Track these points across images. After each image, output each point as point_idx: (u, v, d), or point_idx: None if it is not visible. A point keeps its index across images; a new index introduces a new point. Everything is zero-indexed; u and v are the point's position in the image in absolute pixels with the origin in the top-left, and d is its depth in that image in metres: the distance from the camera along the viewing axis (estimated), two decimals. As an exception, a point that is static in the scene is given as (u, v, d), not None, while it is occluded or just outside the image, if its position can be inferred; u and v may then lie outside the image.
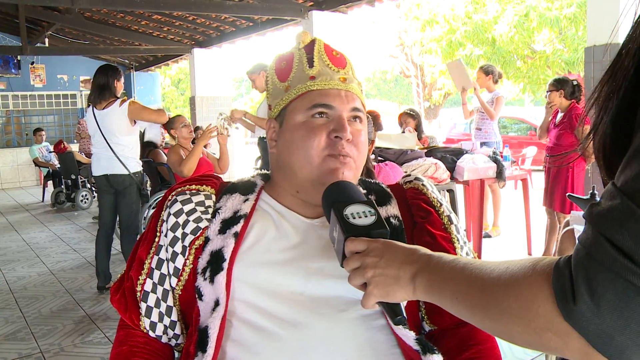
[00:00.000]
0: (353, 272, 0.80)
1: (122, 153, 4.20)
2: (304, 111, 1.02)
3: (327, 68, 1.05)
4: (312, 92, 1.03)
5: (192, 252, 1.02)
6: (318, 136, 1.00)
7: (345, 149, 1.00)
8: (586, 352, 0.52)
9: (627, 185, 0.50)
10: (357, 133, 1.03)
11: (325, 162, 1.00)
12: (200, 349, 0.94)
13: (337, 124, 1.00)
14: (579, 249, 0.53)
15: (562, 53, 12.67)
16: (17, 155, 12.31)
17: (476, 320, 0.65)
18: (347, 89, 1.04)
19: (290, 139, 1.03)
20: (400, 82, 30.15)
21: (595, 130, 0.60)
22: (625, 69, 0.55)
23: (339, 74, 1.05)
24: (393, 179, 2.54)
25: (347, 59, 1.10)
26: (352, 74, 1.08)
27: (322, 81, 1.03)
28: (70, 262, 5.37)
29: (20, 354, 3.25)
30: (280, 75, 1.08)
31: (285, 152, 1.05)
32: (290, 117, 1.04)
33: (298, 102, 1.03)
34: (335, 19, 7.33)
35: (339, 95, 1.03)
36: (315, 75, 1.04)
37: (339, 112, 1.02)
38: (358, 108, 1.05)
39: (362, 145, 1.04)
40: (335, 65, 1.06)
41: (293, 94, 1.04)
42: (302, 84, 1.03)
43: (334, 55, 1.07)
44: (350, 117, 1.03)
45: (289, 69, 1.07)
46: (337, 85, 1.03)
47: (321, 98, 1.02)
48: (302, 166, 1.02)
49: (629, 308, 0.48)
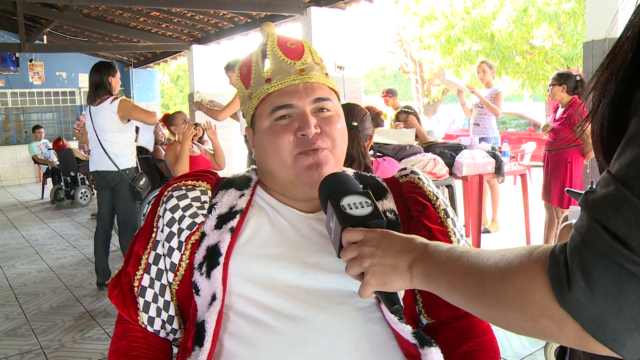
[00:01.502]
0: (350, 262, 0.80)
1: (112, 150, 4.23)
2: (267, 116, 1.02)
3: (282, 64, 1.03)
4: (270, 95, 1.02)
5: (189, 248, 1.03)
6: (285, 138, 0.99)
7: (317, 142, 1.00)
8: (581, 338, 0.53)
9: (621, 172, 0.50)
10: (325, 121, 1.01)
11: (298, 160, 1.00)
12: (197, 344, 0.94)
13: (300, 121, 0.99)
14: (574, 236, 0.54)
15: (561, 48, 12.65)
16: (16, 153, 12.30)
17: (473, 308, 0.66)
18: (306, 80, 1.02)
19: (262, 145, 1.04)
20: (399, 78, 30.12)
21: (594, 114, 0.60)
22: (625, 53, 0.56)
23: (295, 66, 1.03)
24: (391, 174, 2.53)
25: (305, 44, 1.07)
26: (313, 59, 1.06)
27: (277, 81, 1.02)
28: (69, 259, 5.37)
29: (21, 350, 3.26)
30: (244, 81, 1.08)
31: (261, 158, 1.06)
32: (258, 123, 1.05)
33: (261, 108, 1.03)
34: (334, 15, 7.32)
35: (297, 90, 1.01)
36: (270, 76, 1.03)
37: (301, 108, 1.00)
38: (322, 97, 1.02)
39: (335, 133, 1.02)
40: (291, 58, 1.03)
41: (255, 101, 1.04)
42: (260, 89, 1.03)
43: (289, 47, 1.04)
44: (315, 108, 1.02)
45: (249, 74, 1.06)
46: (293, 80, 1.01)
47: (280, 99, 1.01)
48: (279, 169, 1.02)
49: (622, 293, 0.49)
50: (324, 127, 1.01)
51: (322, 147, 1.00)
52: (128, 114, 4.18)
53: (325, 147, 1.00)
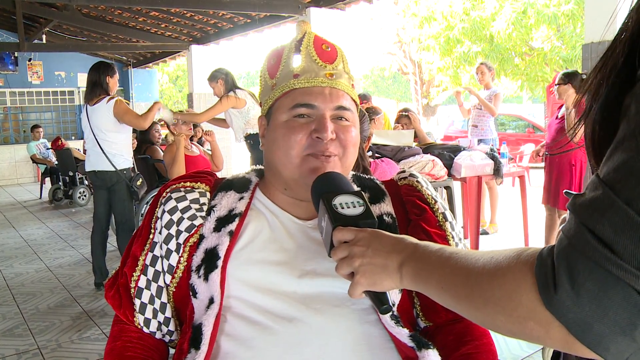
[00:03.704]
0: (341, 262, 0.80)
1: (109, 150, 4.23)
2: (287, 110, 1.01)
3: (313, 64, 1.03)
4: (295, 90, 1.02)
5: (187, 250, 1.02)
6: (299, 136, 0.99)
7: (330, 148, 0.99)
8: (566, 341, 0.53)
9: (608, 176, 0.51)
10: (342, 130, 1.01)
11: (306, 161, 0.99)
12: (193, 346, 0.94)
13: (318, 123, 0.99)
14: (562, 239, 0.54)
15: (560, 50, 12.65)
16: (15, 152, 12.28)
17: (462, 309, 0.65)
18: (333, 85, 1.02)
19: (274, 138, 1.03)
20: (398, 79, 30.12)
21: (586, 117, 0.60)
22: (616, 57, 0.56)
23: (325, 70, 1.03)
24: (389, 175, 2.53)
25: (339, 51, 1.07)
26: (343, 68, 1.06)
27: (305, 79, 1.01)
28: (67, 259, 5.37)
29: (18, 350, 3.26)
30: (270, 71, 1.07)
31: (269, 150, 1.05)
32: (275, 115, 1.04)
33: (282, 100, 1.03)
34: (333, 15, 7.32)
35: (322, 93, 1.01)
36: (299, 72, 1.02)
37: (322, 111, 1.00)
38: (344, 107, 1.02)
39: (349, 142, 1.02)
40: (323, 60, 1.03)
41: (278, 92, 1.04)
42: (286, 82, 1.03)
43: (324, 49, 1.04)
44: (335, 116, 1.01)
45: (277, 65, 1.06)
46: (321, 82, 1.01)
47: (303, 97, 1.00)
48: (284, 165, 1.02)
49: (607, 297, 0.49)
50: (340, 134, 1.01)
51: (333, 153, 1.00)
52: (120, 116, 4.19)
53: (337, 154, 1.00)
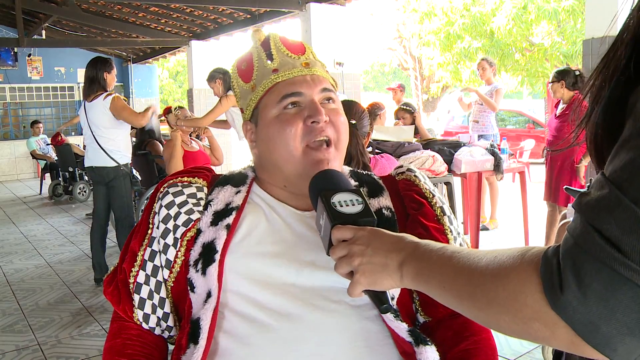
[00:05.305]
0: (339, 261, 0.79)
1: (107, 146, 4.23)
2: (275, 105, 1.02)
3: (287, 58, 1.05)
4: (277, 84, 1.02)
5: (184, 244, 1.02)
6: (294, 125, 1.00)
7: (326, 131, 1.00)
8: (573, 342, 0.52)
9: (615, 175, 0.50)
10: (332, 112, 1.03)
11: (308, 154, 1.00)
12: (192, 341, 0.94)
13: (310, 109, 1.00)
14: (567, 238, 0.53)
15: (560, 46, 12.63)
16: (15, 148, 12.28)
17: (464, 309, 0.65)
18: (312, 72, 1.04)
19: (268, 136, 1.03)
20: (398, 74, 30.07)
21: (588, 119, 0.60)
22: (618, 59, 0.55)
23: (300, 60, 1.05)
24: (389, 171, 2.52)
25: (305, 44, 1.09)
26: (314, 57, 1.08)
27: (285, 71, 1.03)
28: (67, 255, 5.37)
29: (18, 346, 3.26)
30: (243, 76, 1.08)
31: (265, 150, 1.05)
32: (263, 114, 1.04)
33: (267, 98, 1.03)
34: (333, 11, 7.30)
35: (305, 80, 1.02)
36: (277, 67, 1.03)
37: (310, 96, 1.01)
38: (328, 88, 1.04)
39: (341, 125, 1.04)
40: (295, 53, 1.06)
41: (260, 91, 1.04)
42: (267, 79, 1.03)
43: (291, 43, 1.07)
44: (322, 98, 1.03)
45: (250, 68, 1.06)
46: (300, 71, 1.03)
47: (288, 88, 1.01)
48: (286, 160, 1.01)
49: (615, 298, 0.48)
50: (332, 117, 1.02)
51: (330, 136, 1.01)
52: (117, 113, 4.18)
53: (332, 137, 1.01)
